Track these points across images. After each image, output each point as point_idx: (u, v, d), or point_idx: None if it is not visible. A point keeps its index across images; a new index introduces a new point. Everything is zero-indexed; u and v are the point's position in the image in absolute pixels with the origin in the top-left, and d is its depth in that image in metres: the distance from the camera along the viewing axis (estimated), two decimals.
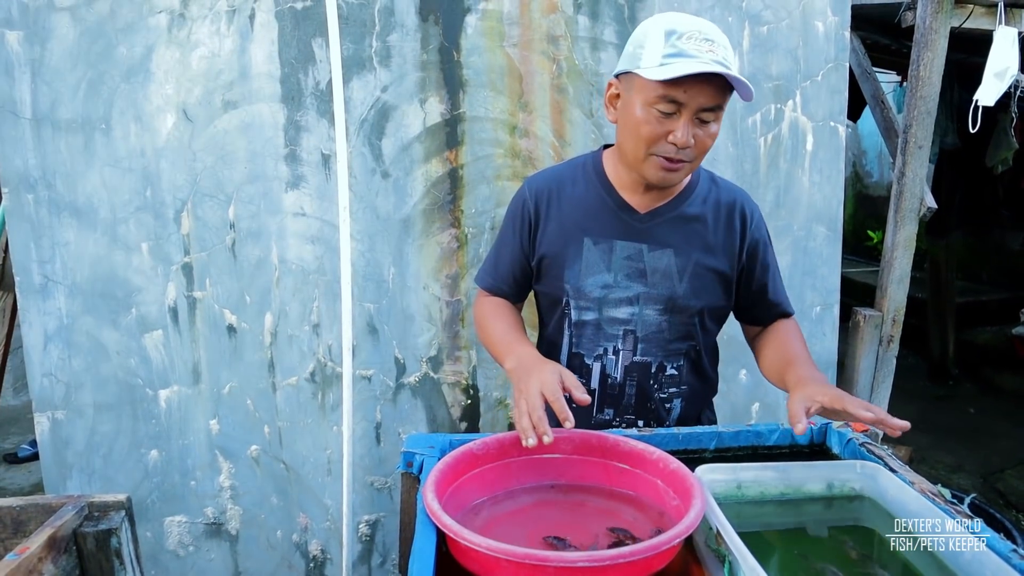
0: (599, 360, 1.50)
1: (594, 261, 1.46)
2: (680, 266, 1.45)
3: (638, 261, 1.45)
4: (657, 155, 1.34)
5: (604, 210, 1.47)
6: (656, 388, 1.51)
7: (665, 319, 1.47)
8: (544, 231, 1.50)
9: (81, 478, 2.18)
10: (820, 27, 2.29)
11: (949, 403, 5.16)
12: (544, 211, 1.50)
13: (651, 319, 1.46)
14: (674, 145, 1.31)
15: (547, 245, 1.50)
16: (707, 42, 1.26)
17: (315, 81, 2.09)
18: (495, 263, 1.59)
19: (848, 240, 2.83)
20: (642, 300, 1.46)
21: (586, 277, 1.46)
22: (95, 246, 2.08)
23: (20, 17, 1.96)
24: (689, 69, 1.23)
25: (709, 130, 1.33)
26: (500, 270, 1.57)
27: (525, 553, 0.89)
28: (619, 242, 1.46)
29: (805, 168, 2.36)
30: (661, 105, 1.29)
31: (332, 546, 2.32)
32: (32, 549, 1.05)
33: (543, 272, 1.52)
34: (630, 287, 1.46)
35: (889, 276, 2.80)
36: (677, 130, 1.30)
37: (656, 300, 1.46)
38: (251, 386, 2.21)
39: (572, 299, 1.48)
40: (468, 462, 1.18)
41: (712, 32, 1.29)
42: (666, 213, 1.46)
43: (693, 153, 1.34)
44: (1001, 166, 4.59)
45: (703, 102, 1.29)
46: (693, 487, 1.06)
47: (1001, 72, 2.69)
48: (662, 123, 1.31)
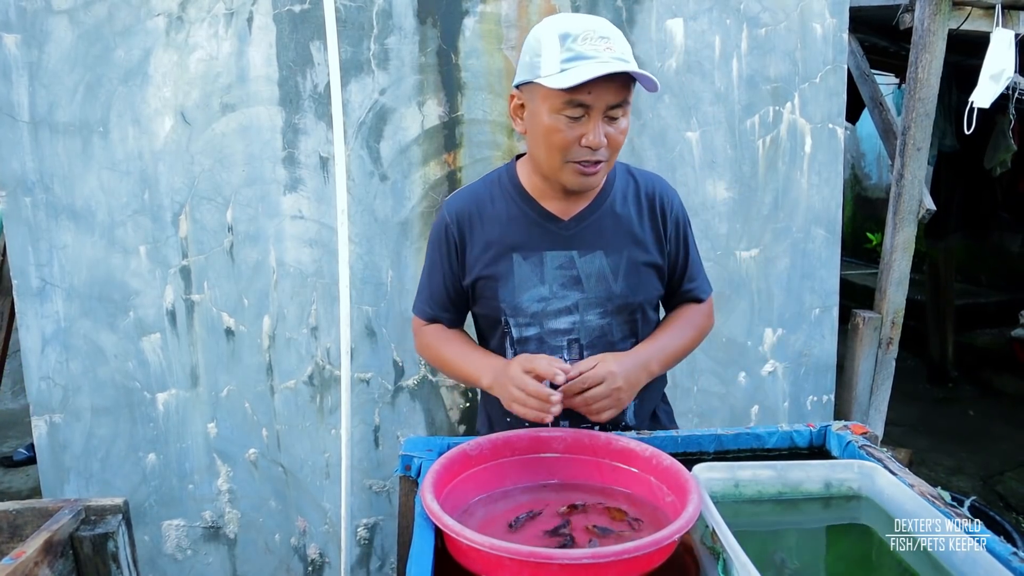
0: None
1: (526, 276, 1.44)
2: (613, 266, 1.44)
3: (570, 269, 1.44)
4: (572, 161, 1.32)
5: (527, 223, 1.45)
6: None
7: (607, 321, 1.46)
8: (471, 253, 1.48)
9: (78, 482, 2.18)
10: (818, 29, 2.29)
11: (948, 406, 5.15)
12: (468, 233, 1.47)
13: (593, 323, 1.45)
14: (588, 148, 1.30)
15: (477, 267, 1.47)
16: (603, 40, 1.26)
17: (313, 84, 2.09)
18: (429, 291, 1.55)
19: (847, 242, 2.83)
20: (581, 307, 1.45)
21: (521, 293, 1.44)
22: (93, 249, 2.08)
23: (18, 20, 1.96)
24: (591, 73, 1.22)
25: (619, 126, 1.32)
26: (435, 297, 1.54)
27: (530, 551, 0.90)
28: (548, 253, 1.44)
29: (804, 170, 2.36)
30: (568, 111, 1.28)
31: (330, 549, 2.31)
32: (28, 553, 1.04)
33: (477, 294, 1.50)
34: (567, 296, 1.44)
35: (888, 278, 2.80)
36: (589, 133, 1.29)
37: (595, 304, 1.45)
38: (249, 389, 2.21)
39: (510, 317, 1.46)
40: (462, 463, 1.18)
41: (605, 28, 1.28)
42: (590, 216, 1.45)
43: (608, 152, 1.33)
44: (1000, 168, 4.59)
45: (610, 100, 1.28)
46: (688, 483, 1.07)
47: (997, 74, 2.69)
48: (572, 128, 1.30)
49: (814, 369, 2.50)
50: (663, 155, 2.25)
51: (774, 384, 2.47)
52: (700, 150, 2.29)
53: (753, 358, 2.43)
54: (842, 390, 2.78)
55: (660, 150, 2.26)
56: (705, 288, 1.59)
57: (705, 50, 2.24)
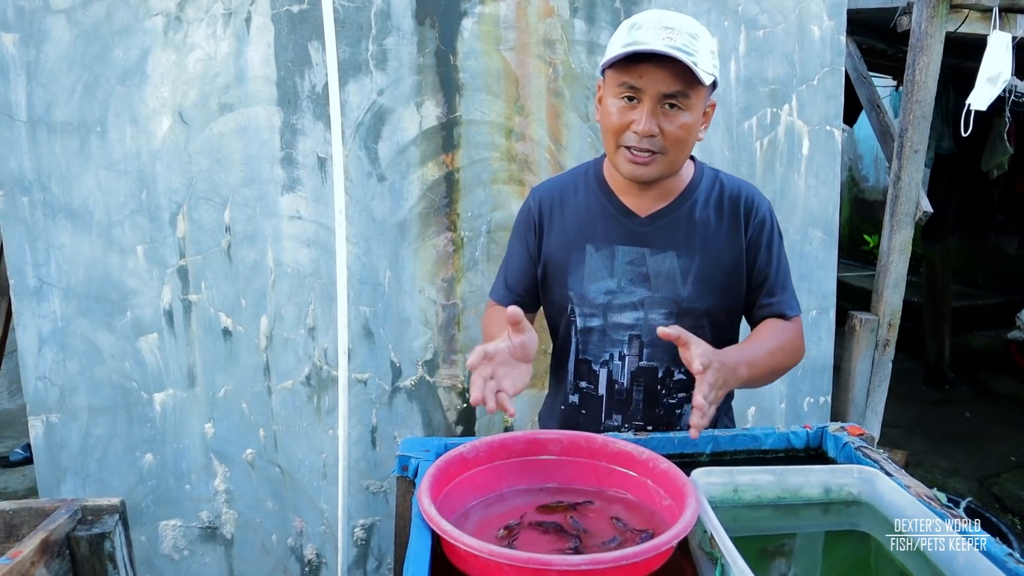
0: (605, 366, 1.49)
1: (597, 267, 1.46)
2: (684, 268, 1.44)
3: (641, 265, 1.45)
4: (624, 146, 1.34)
5: (605, 216, 1.47)
6: (664, 393, 1.49)
7: (671, 323, 1.42)
8: (548, 239, 1.51)
9: (75, 482, 2.17)
10: (816, 31, 2.30)
11: (945, 407, 5.16)
12: (548, 219, 1.51)
13: (657, 323, 1.42)
14: (636, 134, 1.31)
15: (551, 252, 1.50)
16: (665, 30, 1.26)
17: (311, 84, 2.09)
18: (505, 275, 1.60)
19: (844, 244, 2.83)
20: (647, 304, 1.45)
21: (589, 283, 1.46)
22: (90, 249, 2.07)
23: (16, 19, 1.95)
24: (635, 50, 1.24)
25: (679, 120, 1.31)
26: (510, 281, 1.58)
27: (528, 557, 0.90)
28: (620, 247, 1.45)
29: (801, 172, 2.36)
30: (623, 93, 1.30)
31: (327, 550, 2.31)
32: (25, 553, 1.04)
33: (548, 280, 1.52)
34: (634, 292, 1.45)
35: (885, 280, 2.80)
36: (639, 118, 1.30)
37: (661, 304, 1.45)
38: (246, 389, 2.21)
39: (577, 306, 1.48)
40: (459, 466, 1.18)
41: (675, 22, 1.28)
42: (667, 215, 1.45)
43: (662, 143, 1.32)
44: (996, 171, 4.60)
45: (662, 87, 1.28)
46: (686, 487, 1.06)
47: (994, 77, 2.69)
48: (624, 113, 1.31)
49: (811, 370, 2.50)
50: None
51: (771, 385, 2.47)
52: (698, 151, 2.29)
53: None
54: (839, 392, 2.79)
55: None
56: (792, 305, 1.51)
57: None
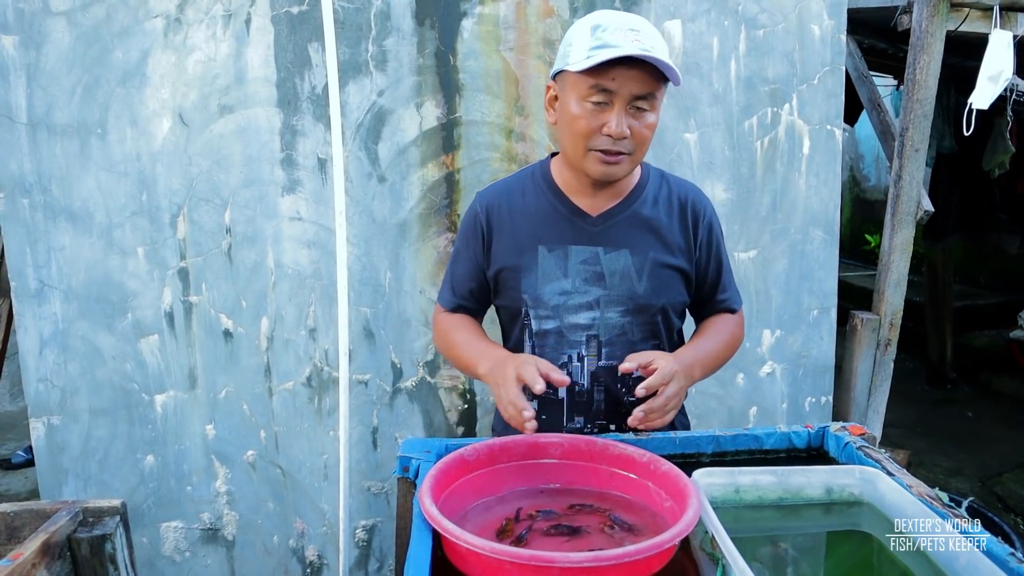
0: (564, 368, 1.47)
1: (550, 268, 1.45)
2: (638, 265, 1.45)
3: (594, 264, 1.44)
4: (594, 149, 1.34)
5: (556, 217, 1.46)
6: (625, 391, 1.49)
7: (628, 320, 1.46)
8: (498, 243, 1.49)
9: (76, 483, 2.17)
10: (816, 31, 2.29)
11: (947, 407, 5.16)
12: (496, 224, 1.49)
13: (613, 321, 1.45)
14: (609, 136, 1.31)
15: (502, 257, 1.48)
16: (632, 31, 1.27)
17: (311, 85, 2.09)
18: (451, 280, 1.58)
19: (845, 244, 2.83)
20: (602, 303, 1.45)
21: (543, 285, 1.45)
22: (91, 250, 2.08)
23: (16, 22, 1.96)
24: (611, 55, 1.24)
25: (646, 120, 1.33)
26: (457, 286, 1.56)
27: (530, 555, 0.90)
28: (573, 247, 1.45)
29: (802, 172, 2.36)
30: (593, 96, 1.30)
31: (329, 551, 2.31)
32: (26, 555, 1.04)
33: (500, 285, 1.51)
34: (589, 291, 1.45)
35: (886, 280, 2.80)
36: (611, 121, 1.30)
37: (617, 302, 1.45)
38: (247, 391, 2.21)
39: (531, 309, 1.47)
40: (460, 468, 1.18)
41: (638, 23, 1.30)
42: (619, 214, 1.46)
43: (631, 144, 1.34)
44: (998, 170, 4.59)
45: (634, 89, 1.29)
46: (687, 488, 1.06)
47: (995, 76, 2.69)
48: (596, 116, 1.31)
49: (812, 370, 2.50)
50: (661, 156, 2.25)
51: (772, 385, 2.47)
52: (698, 151, 2.29)
53: (751, 359, 2.43)
54: (840, 391, 2.78)
55: (658, 151, 2.25)
56: (737, 299, 1.60)
57: (703, 51, 2.25)
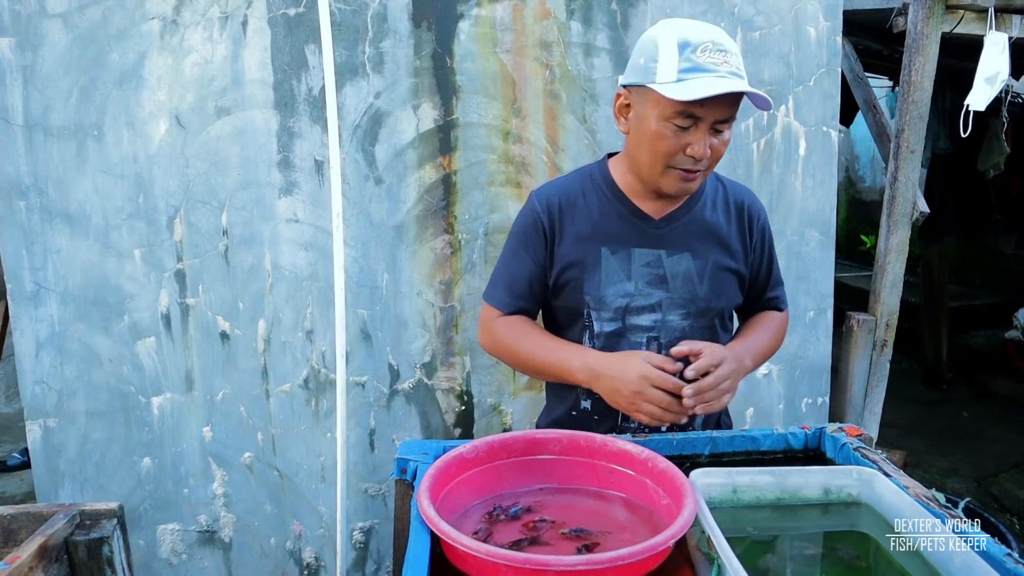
0: None
1: (614, 270, 1.45)
2: (699, 268, 1.46)
3: (657, 267, 1.46)
4: (675, 167, 1.35)
5: (619, 219, 1.47)
6: None
7: (688, 323, 1.47)
8: (561, 243, 1.48)
9: (73, 486, 2.17)
10: (812, 32, 2.30)
11: (943, 407, 5.17)
12: (559, 224, 1.48)
13: (675, 324, 1.46)
14: (692, 157, 1.32)
15: (565, 258, 1.48)
16: (721, 53, 1.26)
17: (308, 87, 2.09)
18: (509, 282, 1.53)
19: (841, 245, 2.84)
20: (665, 306, 1.46)
21: (607, 287, 1.45)
22: (87, 253, 2.07)
23: (11, 24, 1.95)
24: (712, 90, 1.23)
25: (723, 138, 1.35)
26: (517, 288, 1.52)
27: (526, 558, 0.90)
28: (637, 250, 1.46)
29: (798, 173, 2.37)
30: (678, 120, 1.30)
31: (326, 553, 2.31)
32: (23, 558, 1.04)
33: (561, 286, 1.50)
34: (652, 294, 1.46)
35: (882, 280, 2.81)
36: (695, 143, 1.31)
37: (679, 305, 1.46)
38: (244, 393, 2.20)
39: (594, 310, 1.47)
40: (458, 466, 1.18)
41: (724, 40, 1.29)
42: (680, 217, 1.48)
43: (709, 162, 1.36)
44: (993, 171, 4.62)
45: (719, 115, 1.30)
46: (683, 486, 1.07)
47: (991, 77, 2.70)
48: (679, 136, 1.31)
49: (809, 371, 2.50)
50: None
51: (769, 386, 2.48)
52: None
53: None
54: (837, 392, 2.79)
55: None
56: (784, 299, 1.65)
57: None
